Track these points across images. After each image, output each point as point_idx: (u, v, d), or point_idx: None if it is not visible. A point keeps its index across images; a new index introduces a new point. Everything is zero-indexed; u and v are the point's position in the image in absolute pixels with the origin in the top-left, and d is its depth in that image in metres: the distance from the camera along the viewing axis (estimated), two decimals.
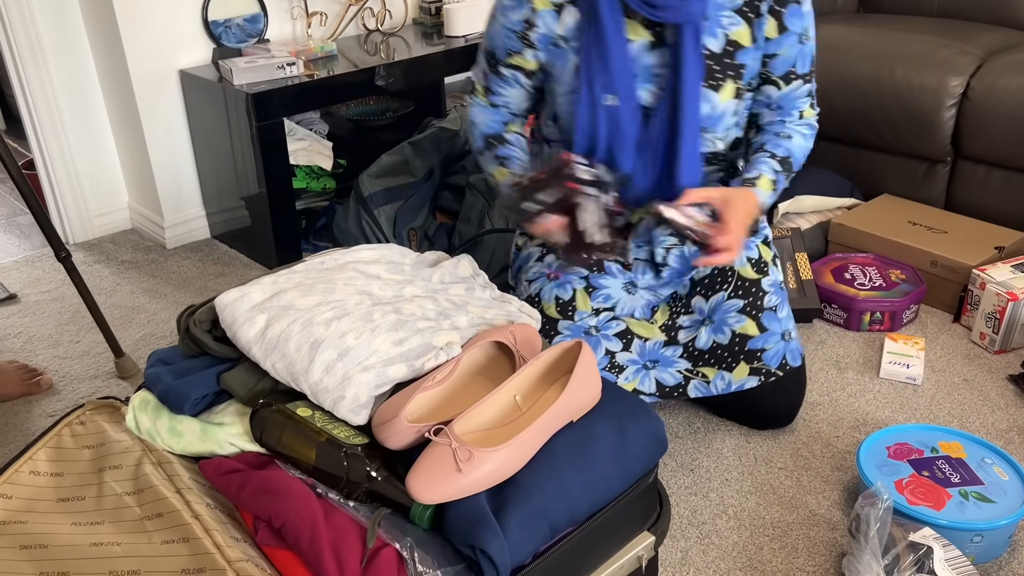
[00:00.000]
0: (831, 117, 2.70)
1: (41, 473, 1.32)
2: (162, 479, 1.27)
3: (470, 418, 1.23)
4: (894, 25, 2.75)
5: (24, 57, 2.59)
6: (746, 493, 1.72)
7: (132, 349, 2.25)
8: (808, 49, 1.71)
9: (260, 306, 1.36)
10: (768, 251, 1.84)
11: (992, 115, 2.40)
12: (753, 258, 1.81)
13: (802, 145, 1.75)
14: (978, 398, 1.98)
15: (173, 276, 2.63)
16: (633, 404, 1.33)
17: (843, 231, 2.49)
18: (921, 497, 1.57)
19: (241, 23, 2.74)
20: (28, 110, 2.67)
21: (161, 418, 1.34)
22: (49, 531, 1.22)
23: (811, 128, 1.78)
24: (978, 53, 2.52)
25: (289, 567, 1.16)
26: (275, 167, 2.50)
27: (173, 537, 1.17)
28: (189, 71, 2.62)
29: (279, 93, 2.44)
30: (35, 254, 2.78)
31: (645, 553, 1.33)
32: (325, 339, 1.31)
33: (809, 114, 1.78)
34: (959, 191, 2.57)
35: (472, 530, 1.11)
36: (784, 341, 1.79)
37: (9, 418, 1.99)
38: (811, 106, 1.78)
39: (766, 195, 1.67)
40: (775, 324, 1.79)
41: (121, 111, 2.72)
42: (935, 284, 2.33)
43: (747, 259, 1.80)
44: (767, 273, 1.81)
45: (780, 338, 1.79)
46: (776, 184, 1.69)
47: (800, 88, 1.74)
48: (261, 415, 1.27)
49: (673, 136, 1.66)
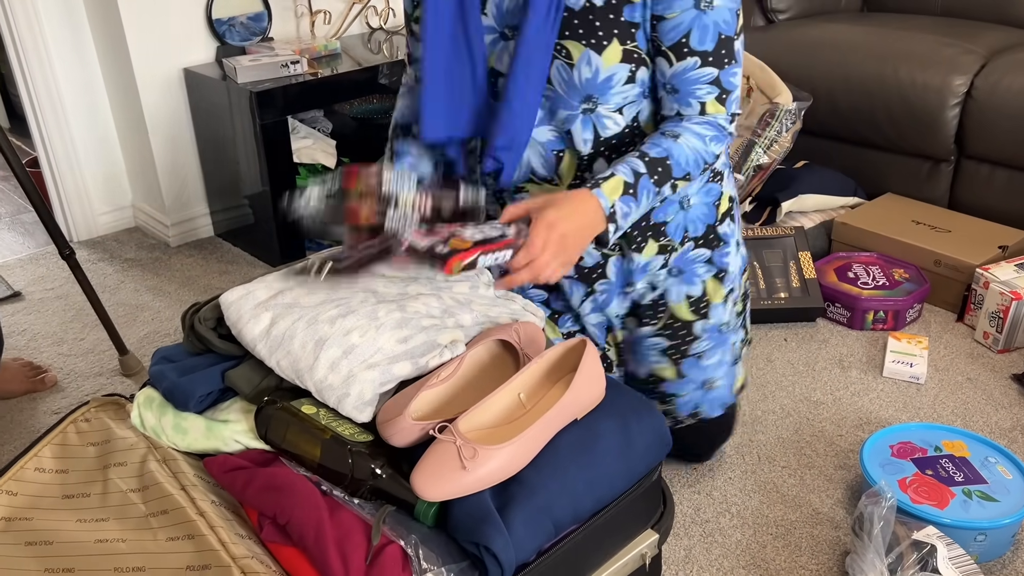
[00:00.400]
0: (835, 116, 2.69)
1: (46, 470, 1.32)
2: (167, 476, 1.27)
3: (474, 416, 1.23)
4: (898, 24, 2.75)
5: (28, 55, 2.59)
6: (749, 491, 1.72)
7: (136, 347, 2.25)
8: (710, 21, 1.37)
9: (265, 304, 1.36)
10: (719, 288, 1.61)
11: (996, 114, 2.40)
12: (693, 296, 1.60)
13: (694, 148, 1.39)
14: (982, 397, 1.98)
15: (177, 274, 2.64)
16: (637, 402, 1.33)
17: (847, 230, 2.49)
18: (925, 496, 1.57)
19: (245, 21, 2.74)
20: (32, 108, 2.67)
21: (166, 415, 1.35)
22: (54, 528, 1.22)
23: (714, 129, 1.41)
24: (982, 52, 2.52)
25: (294, 564, 1.16)
26: (278, 165, 2.50)
27: (178, 534, 1.17)
28: (193, 69, 2.63)
29: (283, 91, 2.44)
30: (39, 252, 2.78)
31: (649, 551, 1.33)
32: (330, 336, 1.31)
33: (715, 110, 1.42)
34: (963, 190, 2.57)
35: (477, 527, 1.11)
36: (703, 390, 1.66)
37: (14, 415, 1.99)
38: (720, 101, 1.42)
39: (612, 202, 1.32)
40: (696, 372, 1.64)
41: (125, 109, 2.72)
42: (939, 283, 2.33)
43: (685, 295, 1.59)
44: (706, 315, 1.61)
45: (699, 387, 1.66)
46: (636, 190, 1.34)
47: (698, 70, 1.40)
48: (266, 412, 1.27)
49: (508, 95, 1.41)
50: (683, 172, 1.38)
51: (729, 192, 1.60)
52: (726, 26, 1.37)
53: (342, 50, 2.80)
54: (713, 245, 1.59)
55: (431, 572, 1.09)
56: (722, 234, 1.59)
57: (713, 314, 1.61)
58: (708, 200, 1.57)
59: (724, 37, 1.38)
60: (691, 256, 1.58)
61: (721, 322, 1.62)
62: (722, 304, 1.62)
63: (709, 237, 1.58)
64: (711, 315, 1.61)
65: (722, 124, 1.43)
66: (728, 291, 1.62)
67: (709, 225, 1.58)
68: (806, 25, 2.86)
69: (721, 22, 1.37)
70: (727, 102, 1.43)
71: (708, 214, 1.57)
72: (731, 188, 1.61)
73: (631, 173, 1.33)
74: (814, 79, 2.70)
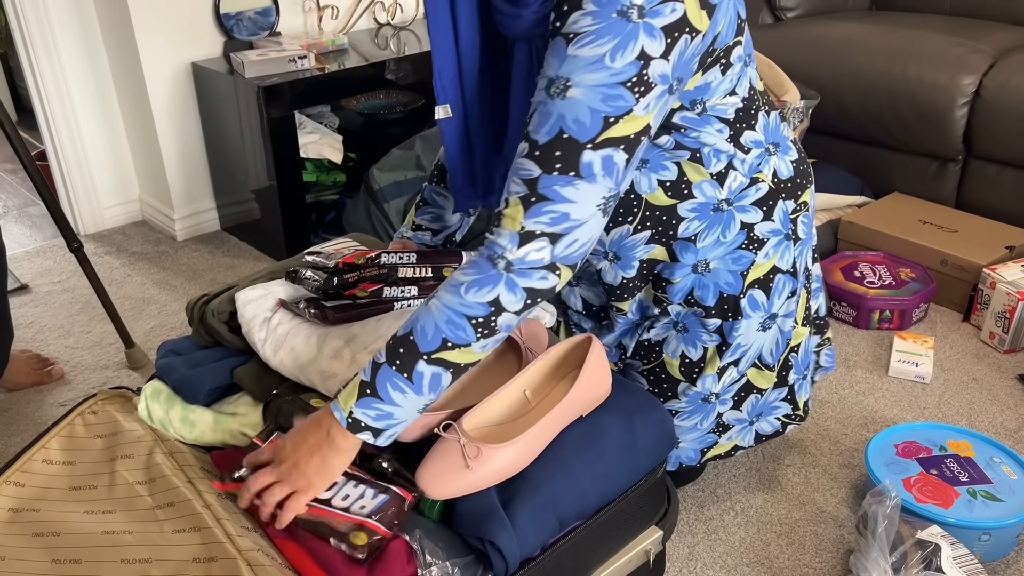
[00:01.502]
0: (842, 115, 2.69)
1: (54, 462, 1.33)
2: (173, 468, 1.28)
3: (479, 413, 1.23)
4: (907, 23, 2.75)
5: (37, 48, 2.60)
6: (753, 490, 1.72)
7: (142, 340, 2.26)
8: (555, 111, 1.09)
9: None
10: (716, 360, 1.45)
11: (1004, 114, 2.39)
12: (690, 358, 1.46)
13: (446, 306, 1.11)
14: (987, 397, 1.98)
15: (183, 268, 2.64)
16: (643, 399, 1.33)
17: (853, 229, 2.48)
18: (929, 495, 1.57)
19: (253, 16, 2.74)
20: (40, 102, 2.68)
21: (174, 408, 1.35)
22: (61, 519, 1.23)
23: (476, 269, 1.11)
24: (991, 52, 2.52)
25: (298, 559, 1.17)
26: (285, 160, 2.50)
27: (184, 526, 1.18)
28: (201, 64, 2.63)
29: (290, 86, 2.45)
30: (46, 245, 2.79)
31: (653, 547, 1.33)
32: (332, 330, 1.32)
33: (511, 217, 1.11)
34: (970, 190, 2.57)
35: (481, 522, 1.12)
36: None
37: (21, 407, 2.00)
38: (525, 205, 1.10)
39: (349, 411, 1.12)
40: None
41: (133, 103, 2.73)
42: (945, 283, 2.32)
43: (681, 354, 1.46)
44: (694, 382, 1.47)
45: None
46: (375, 387, 1.11)
47: (523, 158, 1.12)
48: (274, 405, 1.28)
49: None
50: (438, 342, 1.10)
51: (771, 263, 1.42)
52: (575, 126, 1.09)
53: (349, 45, 2.80)
54: (726, 315, 1.42)
55: (435, 566, 1.09)
56: (742, 307, 1.41)
57: (701, 383, 1.47)
58: (734, 268, 1.40)
59: (565, 137, 1.09)
60: (699, 320, 1.44)
61: (709, 392, 1.48)
62: (714, 376, 1.46)
63: (723, 308, 1.42)
64: (698, 383, 1.47)
65: (498, 253, 1.10)
66: (728, 364, 1.46)
67: (727, 295, 1.41)
68: (814, 23, 2.86)
69: (570, 119, 1.09)
70: (537, 212, 1.10)
71: (731, 284, 1.41)
72: (781, 259, 1.43)
73: (371, 368, 1.13)
74: (822, 77, 2.69)
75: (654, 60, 1.09)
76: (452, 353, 1.11)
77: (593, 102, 1.08)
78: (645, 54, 1.08)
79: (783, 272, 1.44)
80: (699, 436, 1.53)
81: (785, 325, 1.48)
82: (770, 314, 1.44)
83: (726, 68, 1.26)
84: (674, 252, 1.40)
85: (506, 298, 1.10)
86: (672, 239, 1.39)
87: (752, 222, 1.40)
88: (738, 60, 1.28)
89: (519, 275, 1.10)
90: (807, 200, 1.47)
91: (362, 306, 1.35)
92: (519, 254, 1.10)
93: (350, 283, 1.38)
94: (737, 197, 1.38)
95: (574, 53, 1.08)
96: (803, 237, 1.47)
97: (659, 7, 1.07)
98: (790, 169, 1.44)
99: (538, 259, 1.10)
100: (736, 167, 1.37)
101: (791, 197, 1.43)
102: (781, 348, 1.50)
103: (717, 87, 1.28)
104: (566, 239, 1.11)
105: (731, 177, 1.37)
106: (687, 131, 1.31)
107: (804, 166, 1.47)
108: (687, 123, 1.30)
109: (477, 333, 1.11)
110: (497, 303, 1.10)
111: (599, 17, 1.07)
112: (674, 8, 1.08)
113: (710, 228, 1.38)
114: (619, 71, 1.08)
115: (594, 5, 1.07)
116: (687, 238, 1.39)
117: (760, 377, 1.51)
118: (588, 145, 1.09)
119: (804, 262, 1.50)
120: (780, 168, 1.42)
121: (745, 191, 1.38)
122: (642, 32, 1.07)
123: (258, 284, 1.44)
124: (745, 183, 1.38)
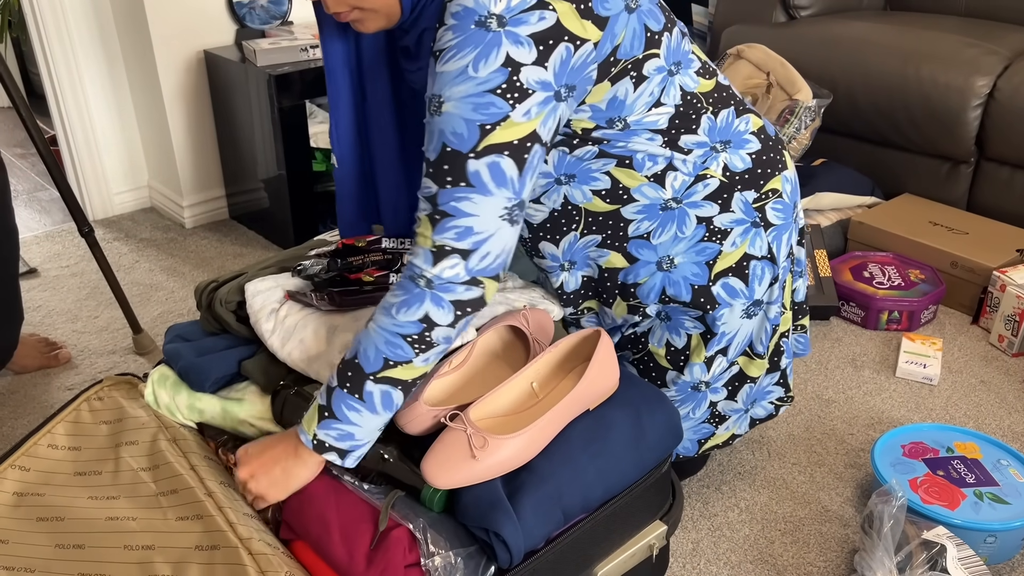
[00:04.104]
0: (854, 114, 2.68)
1: (59, 447, 1.33)
2: (177, 455, 1.28)
3: (486, 404, 1.23)
4: (921, 23, 2.73)
5: (50, 34, 2.60)
6: (758, 487, 1.72)
7: (149, 326, 2.26)
8: (436, 128, 1.13)
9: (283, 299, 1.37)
10: (702, 348, 1.46)
11: (1018, 116, 2.38)
12: (675, 346, 1.47)
13: (382, 328, 1.15)
14: (995, 400, 1.97)
15: (192, 255, 2.64)
16: (650, 393, 1.33)
17: (863, 229, 2.47)
18: (935, 496, 1.56)
19: (265, 5, 2.74)
20: (52, 87, 2.68)
21: (180, 394, 1.35)
22: (66, 504, 1.23)
23: (402, 290, 1.15)
24: (1005, 53, 2.50)
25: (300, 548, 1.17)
26: (295, 149, 2.50)
27: (187, 514, 1.18)
28: (213, 51, 2.63)
29: (301, 75, 2.44)
30: (55, 229, 2.80)
31: (657, 542, 1.33)
32: (341, 324, 1.32)
33: (423, 234, 1.15)
34: (982, 192, 2.56)
35: (486, 513, 1.12)
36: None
37: (28, 390, 2.00)
38: (432, 222, 1.14)
39: (312, 434, 1.16)
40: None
41: (144, 90, 2.73)
42: (954, 285, 2.31)
43: (666, 342, 1.48)
44: (681, 370, 1.48)
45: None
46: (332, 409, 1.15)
47: (425, 178, 1.15)
48: (281, 395, 1.28)
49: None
50: (380, 362, 1.14)
51: (741, 251, 1.41)
52: (454, 139, 1.11)
53: None
54: (705, 307, 1.42)
55: (439, 556, 1.09)
56: (716, 295, 1.41)
57: (689, 371, 1.48)
58: (699, 259, 1.41)
59: (448, 150, 1.12)
60: (681, 309, 1.44)
61: (698, 380, 1.49)
62: (702, 364, 1.47)
63: (699, 300, 1.41)
64: (686, 371, 1.48)
65: (417, 272, 1.14)
66: (715, 352, 1.46)
67: (698, 287, 1.41)
68: (828, 22, 2.84)
69: (449, 132, 1.11)
70: (442, 229, 1.12)
71: (698, 274, 1.40)
72: (752, 246, 1.42)
73: (326, 392, 1.17)
74: (835, 76, 2.68)
75: (525, 66, 1.11)
76: (396, 371, 1.15)
77: (465, 112, 1.10)
78: (512, 60, 1.10)
79: (758, 259, 1.43)
80: (693, 425, 1.54)
81: (771, 312, 1.48)
82: (753, 300, 1.44)
83: (639, 81, 1.25)
84: (629, 253, 1.40)
85: (436, 314, 1.14)
86: (624, 240, 1.39)
87: (709, 215, 1.39)
88: (657, 71, 1.27)
89: (442, 290, 1.13)
90: (776, 187, 1.44)
91: (368, 291, 1.35)
92: (435, 271, 1.13)
93: (355, 266, 1.38)
94: (685, 195, 1.37)
95: (441, 69, 1.11)
96: (777, 223, 1.44)
97: (522, 15, 1.10)
98: (746, 162, 1.41)
99: (454, 275, 1.13)
100: (677, 167, 1.35)
101: (751, 187, 1.41)
102: (770, 335, 1.50)
103: (635, 103, 1.27)
104: (477, 254, 1.13)
105: (671, 177, 1.35)
106: (610, 143, 1.31)
107: (769, 155, 1.44)
108: (609, 137, 1.30)
109: (415, 349, 1.14)
110: (428, 319, 1.13)
111: (458, 31, 1.09)
112: (542, 16, 1.10)
113: (663, 225, 1.38)
114: (484, 79, 1.10)
115: (453, 19, 1.10)
116: (640, 236, 1.39)
117: (752, 366, 1.51)
118: (470, 155, 1.11)
119: (787, 247, 1.48)
120: (733, 162, 1.40)
121: (692, 188, 1.37)
122: (505, 39, 1.09)
123: (268, 276, 1.44)
124: (689, 180, 1.37)
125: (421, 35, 1.22)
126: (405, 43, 1.25)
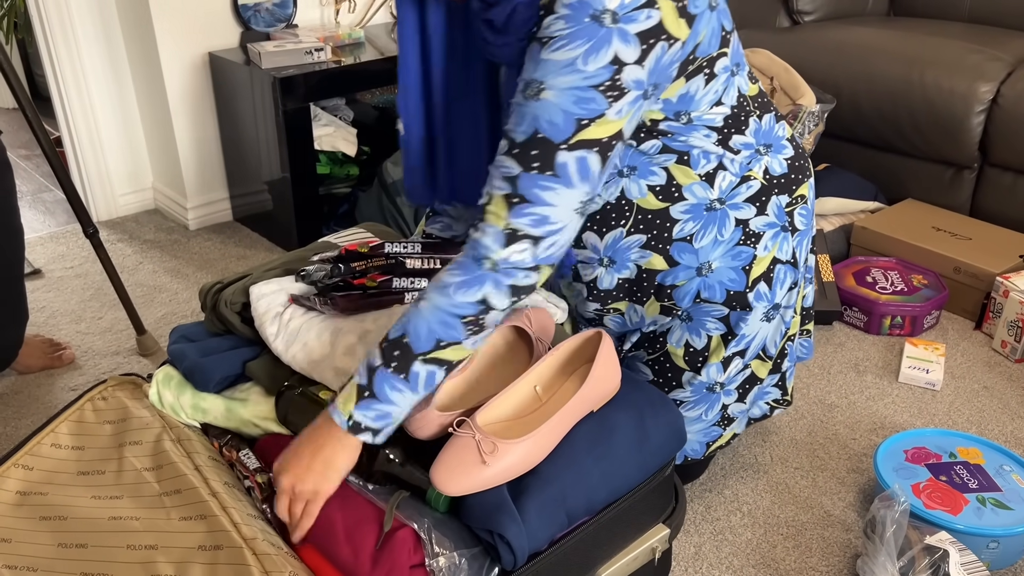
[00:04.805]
0: (858, 119, 2.68)
1: (63, 446, 1.33)
2: (181, 456, 1.28)
3: (491, 409, 1.23)
4: (925, 29, 2.73)
5: (55, 36, 2.61)
6: (761, 491, 1.72)
7: (153, 327, 2.26)
8: (530, 112, 1.11)
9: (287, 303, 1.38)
10: (722, 348, 1.46)
11: (1022, 122, 2.38)
12: (694, 347, 1.47)
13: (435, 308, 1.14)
14: (998, 406, 1.97)
15: (195, 257, 2.65)
16: (654, 396, 1.33)
17: (866, 234, 2.47)
18: (938, 501, 1.56)
19: (270, 7, 2.75)
20: (57, 88, 2.69)
21: (184, 394, 1.35)
22: (69, 503, 1.23)
23: (463, 271, 1.14)
24: (1009, 60, 2.51)
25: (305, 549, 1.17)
26: (299, 152, 2.51)
27: (191, 514, 1.18)
28: (218, 54, 2.63)
29: (305, 78, 2.45)
30: (60, 230, 2.80)
31: (659, 545, 1.33)
32: (345, 328, 1.32)
33: (495, 212, 1.13)
34: (985, 198, 2.56)
35: (491, 515, 1.12)
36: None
37: (31, 390, 2.01)
38: (508, 204, 1.13)
39: (349, 414, 1.14)
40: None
41: (149, 92, 2.73)
42: (957, 290, 2.31)
43: (685, 343, 1.47)
44: (699, 371, 1.48)
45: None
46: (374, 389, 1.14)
47: (503, 156, 1.14)
48: (286, 396, 1.28)
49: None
50: (432, 343, 1.14)
51: (771, 255, 1.44)
52: (549, 127, 1.10)
53: (366, 39, 2.80)
54: (735, 308, 1.44)
55: (443, 556, 1.09)
56: (750, 301, 1.44)
57: (706, 372, 1.48)
58: (735, 264, 1.42)
59: (539, 137, 1.11)
60: (705, 308, 1.45)
61: (714, 382, 1.49)
62: (719, 365, 1.48)
63: (732, 303, 1.44)
64: (703, 372, 1.48)
65: (483, 254, 1.13)
66: (733, 354, 1.47)
67: (734, 292, 1.43)
68: (832, 27, 2.85)
69: (544, 120, 1.11)
70: (519, 213, 1.12)
71: (735, 280, 1.43)
72: (780, 250, 1.45)
73: (365, 372, 1.16)
74: (838, 82, 2.68)
75: (628, 66, 1.10)
76: (445, 352, 1.14)
77: (565, 104, 1.10)
78: (619, 59, 1.09)
79: (783, 263, 1.46)
80: (704, 428, 1.54)
81: (787, 315, 1.51)
82: (773, 304, 1.46)
83: (710, 78, 1.28)
84: (671, 257, 1.42)
85: (494, 297, 1.13)
86: (667, 243, 1.41)
87: (746, 218, 1.42)
88: (723, 71, 1.30)
89: (504, 274, 1.13)
90: (804, 194, 1.49)
91: (372, 296, 1.35)
92: (504, 254, 1.12)
93: (358, 272, 1.39)
94: (729, 196, 1.40)
95: (547, 57, 1.10)
96: (801, 228, 1.49)
97: (633, 13, 1.08)
98: (783, 166, 1.45)
99: (521, 260, 1.13)
100: (726, 166, 1.39)
101: (785, 192, 1.45)
102: (781, 337, 1.52)
103: (702, 99, 1.30)
104: (546, 242, 1.13)
105: (720, 177, 1.39)
106: (674, 136, 1.33)
107: (800, 162, 1.49)
108: (673, 130, 1.32)
109: (468, 331, 1.14)
110: (486, 302, 1.13)
111: (571, 21, 1.08)
112: (649, 15, 1.09)
113: (706, 227, 1.40)
114: (591, 74, 1.09)
115: (567, 9, 1.08)
116: (683, 239, 1.40)
117: (761, 367, 1.53)
118: (562, 146, 1.11)
119: (806, 252, 1.52)
120: (772, 166, 1.44)
121: (736, 189, 1.40)
122: (615, 37, 1.08)
123: (272, 279, 1.44)
124: (736, 181, 1.40)
125: (513, 11, 1.19)
126: (490, 16, 1.23)
